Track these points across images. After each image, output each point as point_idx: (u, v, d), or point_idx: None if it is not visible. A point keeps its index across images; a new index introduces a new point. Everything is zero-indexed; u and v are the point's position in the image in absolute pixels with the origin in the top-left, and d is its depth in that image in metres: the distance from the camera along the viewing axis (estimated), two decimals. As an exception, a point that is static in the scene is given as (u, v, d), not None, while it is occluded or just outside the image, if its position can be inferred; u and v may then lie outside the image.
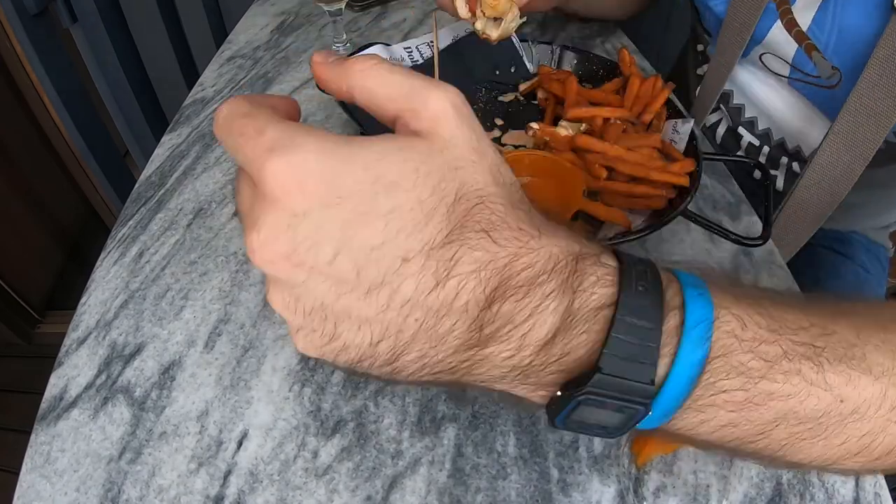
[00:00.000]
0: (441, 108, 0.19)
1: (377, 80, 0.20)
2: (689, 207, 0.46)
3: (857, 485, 0.37)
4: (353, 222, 0.18)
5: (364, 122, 0.52)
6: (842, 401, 0.22)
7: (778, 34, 0.55)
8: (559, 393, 0.21)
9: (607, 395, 0.20)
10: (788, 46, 0.55)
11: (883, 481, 0.37)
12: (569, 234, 0.22)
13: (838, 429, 0.22)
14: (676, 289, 0.22)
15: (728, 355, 0.21)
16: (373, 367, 0.21)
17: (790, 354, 0.22)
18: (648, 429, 0.23)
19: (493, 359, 0.21)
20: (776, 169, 0.65)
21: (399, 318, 0.19)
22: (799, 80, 0.57)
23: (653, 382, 0.20)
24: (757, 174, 0.66)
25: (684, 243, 0.52)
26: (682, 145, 0.50)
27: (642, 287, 0.20)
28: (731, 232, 0.46)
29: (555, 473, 0.37)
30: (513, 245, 0.19)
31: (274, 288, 0.20)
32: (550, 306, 0.20)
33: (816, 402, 0.22)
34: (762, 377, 0.21)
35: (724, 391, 0.21)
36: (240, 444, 0.39)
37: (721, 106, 0.68)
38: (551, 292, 0.20)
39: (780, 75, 0.59)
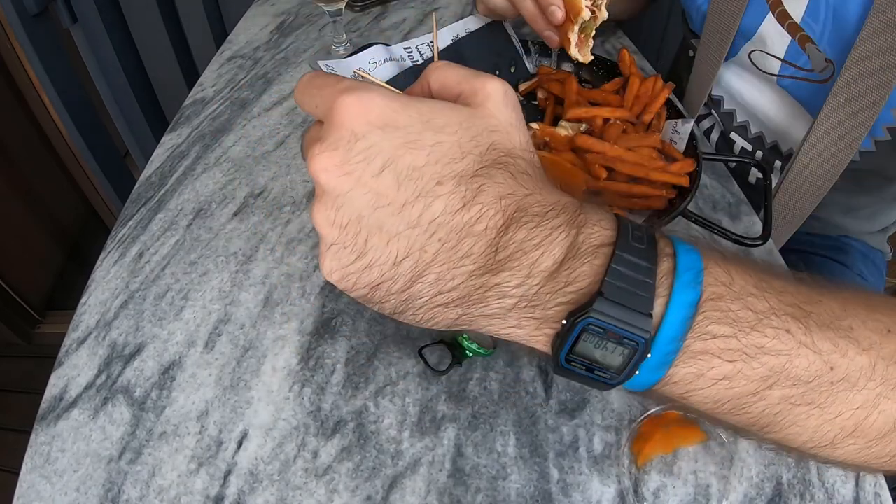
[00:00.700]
0: (494, 89, 0.24)
1: (449, 70, 0.26)
2: (689, 207, 0.46)
3: (857, 485, 0.37)
4: (402, 147, 0.22)
5: None
6: (832, 368, 0.23)
7: (769, 28, 0.54)
8: (563, 322, 0.23)
9: (609, 321, 0.22)
10: (780, 40, 0.54)
11: (883, 481, 0.37)
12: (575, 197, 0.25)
13: (830, 397, 0.24)
14: (667, 241, 0.24)
15: (718, 300, 0.23)
16: (389, 294, 0.24)
17: (778, 312, 0.23)
18: (648, 388, 0.23)
19: (503, 287, 0.23)
20: (770, 173, 0.65)
21: (425, 235, 0.22)
22: (790, 76, 0.56)
23: (651, 316, 0.22)
24: (754, 176, 0.66)
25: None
26: (681, 145, 0.50)
27: (637, 234, 0.23)
28: (731, 232, 0.46)
29: (555, 473, 0.37)
30: (530, 187, 0.23)
31: (319, 202, 0.23)
32: (558, 238, 0.23)
33: (807, 363, 0.23)
34: (752, 328, 0.23)
35: (717, 336, 0.22)
36: (240, 444, 0.39)
37: (713, 112, 0.68)
38: (560, 226, 0.23)
39: (769, 73, 0.58)
